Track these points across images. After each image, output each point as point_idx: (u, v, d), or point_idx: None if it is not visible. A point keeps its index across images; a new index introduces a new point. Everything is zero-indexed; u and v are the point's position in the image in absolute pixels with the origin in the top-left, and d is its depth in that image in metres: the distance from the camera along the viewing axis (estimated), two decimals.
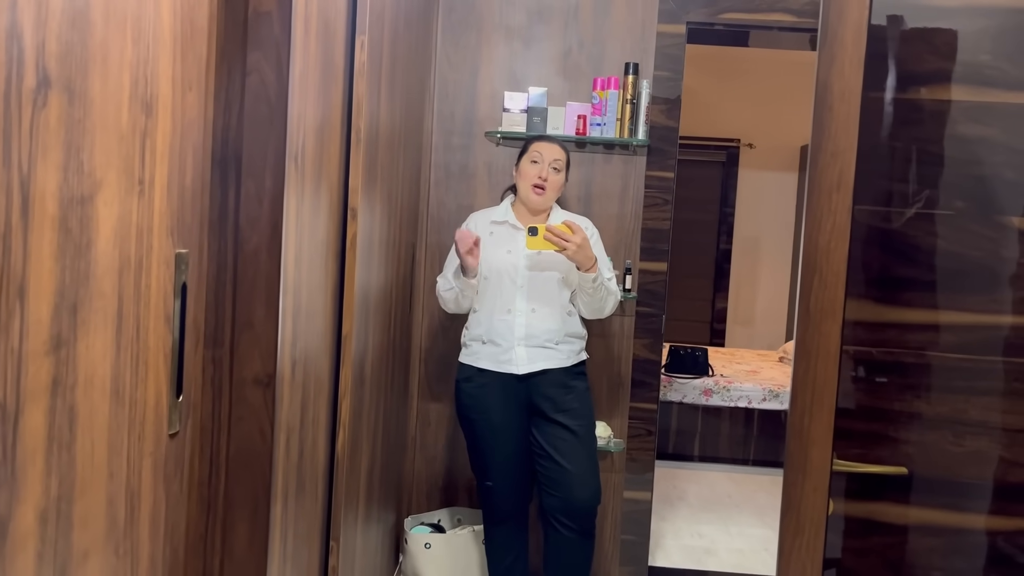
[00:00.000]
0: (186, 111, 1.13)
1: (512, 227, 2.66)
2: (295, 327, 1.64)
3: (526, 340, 2.60)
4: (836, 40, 1.19)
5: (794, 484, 1.24)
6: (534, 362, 2.61)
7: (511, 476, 2.70)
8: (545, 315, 2.61)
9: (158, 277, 1.07)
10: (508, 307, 2.61)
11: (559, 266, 2.58)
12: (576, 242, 2.40)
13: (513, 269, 2.61)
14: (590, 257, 2.46)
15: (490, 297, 2.64)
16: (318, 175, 1.76)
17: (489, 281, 2.64)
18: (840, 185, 1.19)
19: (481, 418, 2.66)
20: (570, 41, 3.12)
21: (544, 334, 2.60)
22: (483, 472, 2.72)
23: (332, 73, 1.84)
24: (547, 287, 2.61)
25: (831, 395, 1.22)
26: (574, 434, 2.62)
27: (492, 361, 2.64)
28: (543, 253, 2.54)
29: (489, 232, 2.68)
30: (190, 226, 1.17)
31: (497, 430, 2.65)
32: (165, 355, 1.11)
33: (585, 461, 2.63)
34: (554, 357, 2.62)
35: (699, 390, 4.83)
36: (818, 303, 1.21)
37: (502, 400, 2.64)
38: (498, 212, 2.72)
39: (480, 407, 2.66)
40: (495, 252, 2.64)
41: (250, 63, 1.23)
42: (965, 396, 1.41)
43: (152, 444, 1.09)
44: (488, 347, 2.64)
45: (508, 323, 2.61)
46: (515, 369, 2.61)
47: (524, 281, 2.60)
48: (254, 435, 1.28)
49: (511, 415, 2.65)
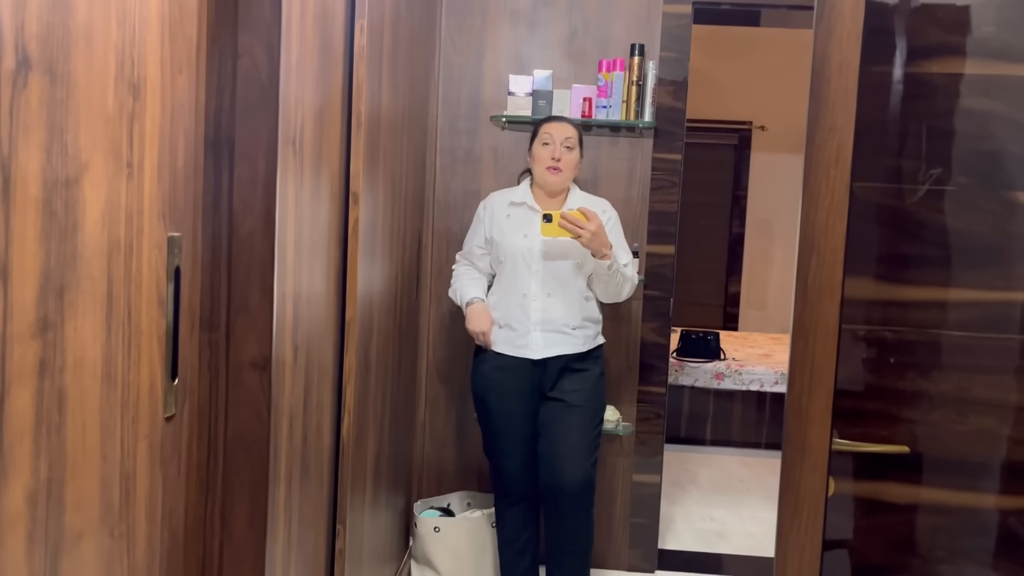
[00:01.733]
0: (176, 94, 1.13)
1: (530, 209, 2.64)
2: (296, 312, 1.64)
3: (542, 325, 2.59)
4: (834, 12, 1.17)
5: (792, 464, 1.23)
6: (550, 347, 2.61)
7: (523, 458, 2.70)
8: (561, 300, 2.60)
9: (150, 260, 1.07)
10: (524, 291, 2.60)
11: (574, 253, 2.56)
12: (591, 229, 2.37)
13: (529, 254, 2.60)
14: (605, 244, 2.43)
15: (506, 281, 2.64)
16: (318, 159, 1.76)
17: (505, 265, 2.64)
18: (838, 161, 1.17)
19: (496, 401, 2.67)
20: (575, 23, 3.09)
21: (560, 319, 2.60)
22: (495, 453, 2.74)
23: (331, 57, 1.83)
24: (563, 272, 2.59)
25: (830, 374, 1.20)
26: (572, 415, 2.61)
27: (508, 345, 2.63)
28: (558, 240, 2.53)
29: (506, 214, 2.67)
30: (183, 210, 1.17)
31: (511, 413, 2.66)
32: (159, 338, 1.11)
33: (578, 442, 2.61)
34: (569, 342, 2.62)
35: (711, 374, 4.81)
36: (816, 281, 1.20)
37: (517, 384, 2.64)
38: (517, 193, 2.70)
39: (495, 390, 2.66)
40: (512, 236, 2.63)
41: (241, 46, 1.22)
42: (969, 374, 1.40)
43: (147, 427, 1.10)
44: (504, 331, 2.64)
45: (524, 307, 2.60)
46: (531, 354, 2.61)
47: (539, 266, 2.59)
48: (251, 418, 1.28)
49: (525, 399, 2.65)
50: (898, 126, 1.37)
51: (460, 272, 2.80)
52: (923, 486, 1.42)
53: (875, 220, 1.37)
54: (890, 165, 1.38)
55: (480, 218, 2.73)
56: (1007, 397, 1.39)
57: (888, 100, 1.37)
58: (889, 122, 1.37)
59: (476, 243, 2.75)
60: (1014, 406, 1.40)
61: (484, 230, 2.71)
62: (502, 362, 2.65)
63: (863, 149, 1.34)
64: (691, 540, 3.60)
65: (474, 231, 2.77)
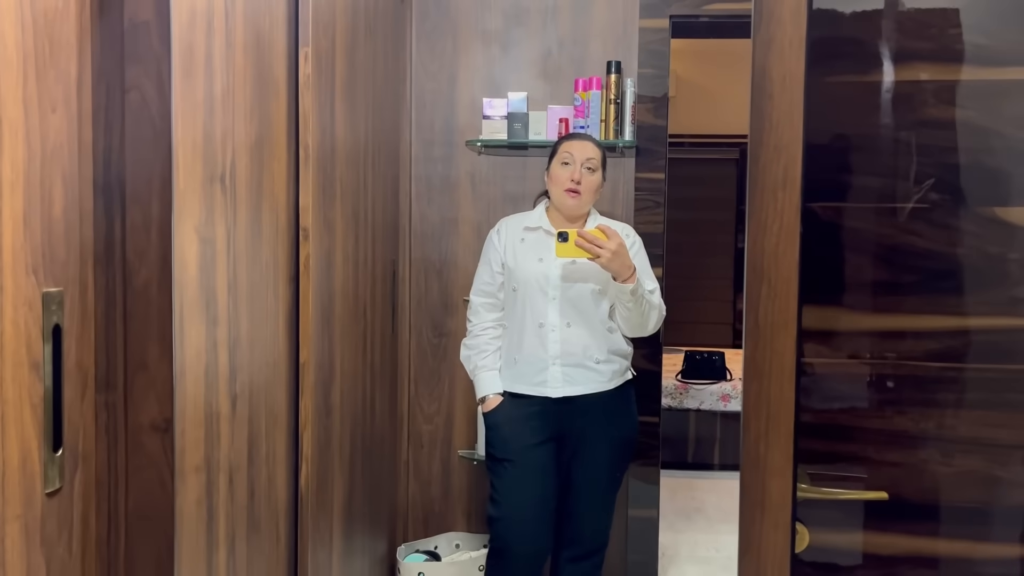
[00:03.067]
0: (50, 135, 1.03)
1: (546, 233, 2.41)
2: (232, 359, 1.53)
3: (562, 359, 2.35)
4: (772, 19, 1.05)
5: (752, 521, 1.10)
6: (572, 384, 2.35)
7: (535, 517, 2.38)
8: (582, 330, 2.35)
9: (15, 321, 0.97)
10: (540, 321, 2.36)
11: (594, 276, 2.32)
12: (611, 248, 2.15)
13: (544, 279, 2.36)
14: (628, 266, 2.21)
15: (520, 311, 2.40)
16: (257, 195, 1.66)
17: (518, 293, 2.40)
18: (786, 182, 1.06)
19: (509, 449, 2.37)
20: (549, 42, 3.00)
21: (582, 351, 2.35)
22: (504, 506, 2.39)
23: (270, 87, 1.74)
24: (582, 299, 2.35)
25: (788, 417, 1.08)
26: (603, 474, 2.42)
27: (524, 383, 2.39)
28: (577, 262, 2.30)
29: (520, 239, 2.45)
30: (64, 261, 1.06)
31: (526, 464, 2.36)
32: (33, 406, 1.00)
33: (606, 503, 2.48)
34: (594, 379, 2.37)
35: (717, 396, 4.67)
36: (767, 315, 1.07)
37: (535, 429, 2.37)
38: (532, 218, 2.48)
39: (508, 436, 2.38)
40: (525, 260, 2.40)
41: (129, 79, 1.13)
42: (953, 410, 1.26)
43: (21, 506, 0.99)
44: (520, 367, 2.40)
45: (541, 339, 2.36)
46: (550, 392, 2.35)
47: (557, 293, 2.35)
48: (154, 486, 1.17)
49: (543, 447, 2.38)
50: (863, 140, 1.25)
51: (478, 343, 2.49)
52: (908, 535, 1.29)
53: (841, 244, 1.25)
54: (857, 182, 1.26)
55: (493, 243, 2.50)
56: (996, 435, 1.25)
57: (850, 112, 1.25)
58: (851, 136, 1.25)
59: (490, 273, 2.49)
60: (1006, 445, 1.26)
61: (499, 255, 2.47)
62: (517, 403, 2.39)
63: (825, 167, 1.22)
64: (695, 572, 3.44)
65: (486, 259, 2.52)
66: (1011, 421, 1.26)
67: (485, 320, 2.49)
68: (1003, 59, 1.24)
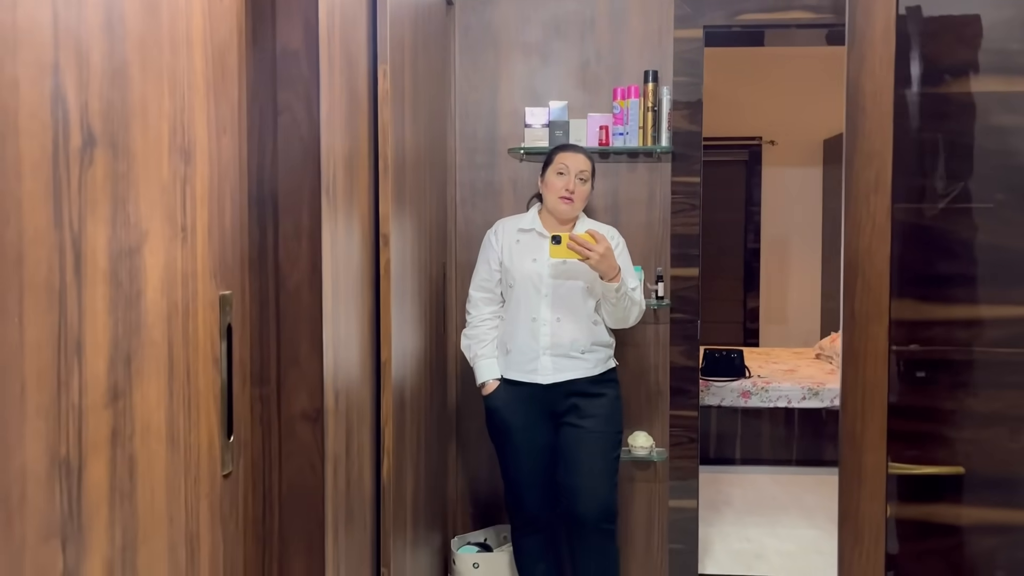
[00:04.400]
0: (222, 154, 1.15)
1: (539, 235, 2.67)
2: (336, 359, 1.65)
3: (551, 349, 2.61)
4: (864, 40, 1.17)
5: (850, 491, 1.22)
6: (560, 371, 2.62)
7: (539, 487, 2.72)
8: (570, 324, 2.61)
9: (204, 320, 1.09)
10: (533, 315, 2.62)
11: (583, 275, 2.58)
12: (599, 251, 2.40)
13: (538, 277, 2.62)
14: (613, 267, 2.45)
15: (515, 305, 2.66)
16: (349, 205, 1.77)
17: (514, 290, 2.65)
18: (878, 187, 1.18)
19: (508, 428, 2.69)
20: (587, 53, 3.12)
21: (570, 343, 2.61)
22: (511, 482, 2.75)
23: (357, 103, 1.86)
24: (572, 296, 2.61)
25: (882, 398, 1.20)
26: (590, 442, 2.62)
27: (518, 371, 2.66)
28: (567, 262, 2.55)
29: (516, 240, 2.70)
30: (231, 267, 1.18)
31: (523, 440, 2.68)
32: (215, 397, 1.12)
33: (599, 472, 2.63)
34: (580, 366, 2.63)
35: (737, 392, 4.79)
36: (863, 306, 1.20)
37: (528, 410, 2.66)
38: (525, 220, 2.72)
39: (507, 418, 2.68)
40: (521, 260, 2.65)
41: (281, 102, 1.24)
42: (1019, 391, 1.39)
43: (208, 486, 1.10)
44: (513, 356, 2.66)
45: (533, 332, 2.62)
46: (540, 379, 2.63)
47: (549, 290, 2.61)
48: (305, 470, 1.28)
49: (538, 425, 2.67)
50: (931, 146, 1.37)
51: (478, 333, 2.78)
52: (978, 506, 1.41)
53: (916, 241, 1.37)
54: (929, 185, 1.39)
55: (491, 243, 2.75)
56: None
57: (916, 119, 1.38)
58: (917, 142, 1.38)
59: (488, 271, 2.75)
60: None
61: (496, 254, 2.72)
62: (512, 388, 2.67)
63: (900, 171, 1.34)
64: (730, 563, 3.56)
65: (485, 258, 2.77)
66: None
67: (484, 312, 2.77)
68: None
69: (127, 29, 0.89)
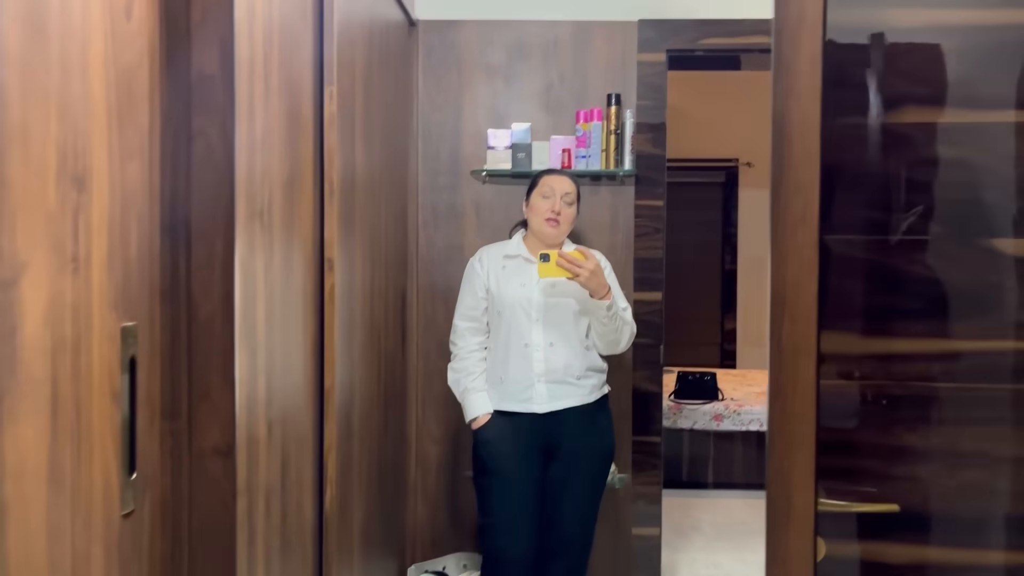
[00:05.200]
0: (127, 182, 1.11)
1: (525, 260, 2.59)
2: (269, 387, 1.61)
3: (546, 376, 2.51)
4: (791, 69, 1.15)
5: (778, 531, 1.18)
6: (556, 399, 2.52)
7: (525, 526, 2.54)
8: (563, 349, 2.52)
9: (101, 354, 1.04)
10: (525, 341, 2.52)
11: (574, 294, 2.50)
12: (589, 268, 2.32)
13: (528, 302, 2.53)
14: (604, 284, 2.38)
15: (504, 332, 2.56)
16: (289, 229, 1.74)
17: (503, 316, 2.56)
18: (805, 219, 1.15)
19: (499, 462, 2.53)
20: (551, 75, 3.11)
21: (563, 368, 2.51)
22: (494, 518, 2.55)
23: (300, 125, 1.82)
24: (563, 320, 2.53)
25: (810, 435, 1.17)
26: (584, 478, 2.56)
27: (511, 400, 2.54)
28: (557, 286, 2.49)
29: (502, 266, 2.61)
30: (137, 297, 1.14)
31: (514, 474, 2.53)
32: (113, 433, 1.07)
33: (588, 508, 2.59)
34: (576, 393, 2.53)
35: (709, 415, 4.76)
36: (790, 339, 1.17)
37: (522, 443, 2.53)
38: (510, 247, 2.65)
39: (499, 450, 2.53)
40: (508, 285, 2.57)
41: (195, 128, 1.21)
42: (956, 427, 1.36)
43: (103, 527, 1.06)
44: (507, 385, 2.55)
45: (526, 358, 2.52)
46: (536, 407, 2.51)
47: (540, 314, 2.52)
48: (216, 507, 1.24)
49: (529, 458, 2.54)
50: (872, 178, 1.35)
51: (466, 366, 2.64)
52: (919, 545, 1.38)
53: (855, 273, 1.35)
54: (869, 216, 1.36)
55: (476, 270, 2.65)
56: (996, 449, 1.35)
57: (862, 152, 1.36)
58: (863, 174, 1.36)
59: (475, 299, 2.64)
60: (1004, 458, 1.36)
61: (482, 281, 2.63)
62: (505, 419, 2.55)
63: (839, 201, 1.32)
64: None
65: (470, 287, 2.66)
66: (1008, 436, 1.36)
67: (471, 343, 2.65)
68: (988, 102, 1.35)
69: (5, 50, 0.86)
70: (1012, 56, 1.34)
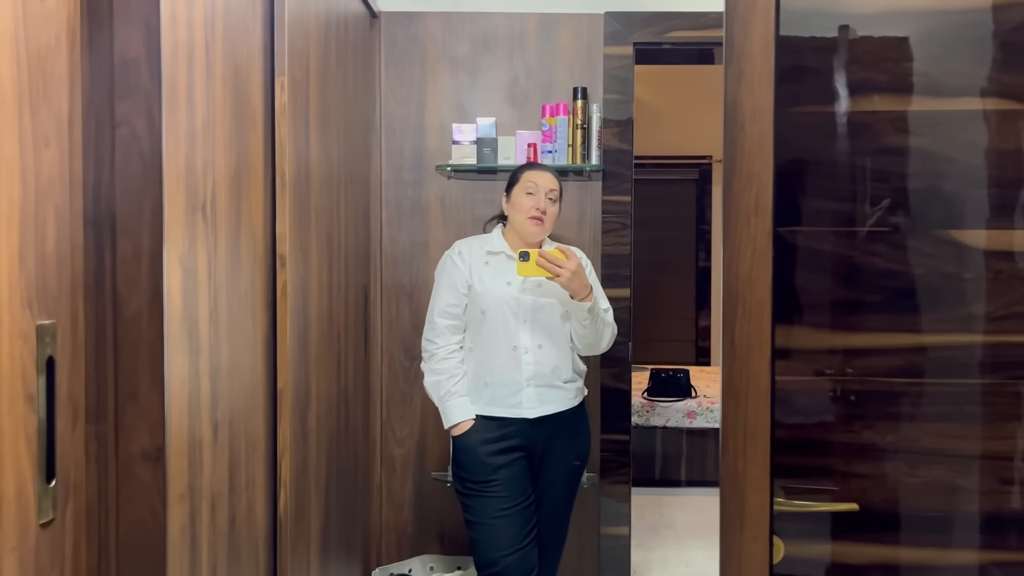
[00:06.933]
0: (43, 171, 1.05)
1: (508, 257, 2.45)
2: (214, 387, 1.54)
3: (535, 379, 2.40)
4: (743, 55, 1.11)
5: (732, 533, 1.14)
6: (545, 404, 2.41)
7: (519, 533, 2.38)
8: (552, 351, 2.42)
9: (11, 354, 0.98)
10: (513, 344, 2.40)
11: (555, 294, 2.39)
12: (570, 268, 2.23)
13: (515, 302, 2.40)
14: (585, 285, 2.29)
15: (489, 333, 2.42)
16: (235, 224, 1.67)
17: (487, 316, 2.41)
18: (758, 209, 1.11)
19: (487, 470, 2.38)
20: (516, 69, 3.06)
21: (552, 371, 2.41)
22: (484, 534, 2.39)
23: (248, 117, 1.76)
24: (551, 321, 2.41)
25: (764, 433, 1.13)
26: (570, 483, 2.54)
27: (499, 405, 2.41)
28: (544, 286, 2.38)
29: (484, 262, 2.47)
30: (56, 294, 1.08)
31: (504, 482, 2.38)
32: (27, 438, 1.01)
33: (568, 506, 2.58)
34: (563, 397, 2.45)
35: (682, 413, 4.73)
36: (743, 336, 1.12)
37: (511, 449, 2.40)
38: (492, 242, 2.50)
39: (486, 457, 2.39)
40: (493, 283, 2.43)
41: (119, 114, 1.15)
42: (915, 423, 1.32)
43: (16, 538, 0.99)
44: (494, 389, 2.41)
45: (515, 361, 2.40)
46: (526, 412, 2.39)
47: (528, 315, 2.40)
48: (144, 515, 1.18)
49: (518, 463, 2.41)
50: (827, 167, 1.31)
51: (447, 367, 2.45)
52: (878, 544, 1.34)
53: (810, 266, 1.31)
54: (824, 208, 1.33)
55: (456, 265, 2.47)
56: (957, 446, 1.31)
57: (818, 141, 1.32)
58: (821, 163, 1.32)
59: (456, 295, 2.46)
60: (966, 455, 1.33)
61: (464, 277, 2.45)
62: (492, 425, 2.40)
63: (792, 192, 1.28)
64: None
65: (449, 282, 2.47)
66: (970, 432, 1.33)
67: (451, 343, 2.46)
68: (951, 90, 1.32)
69: None
70: (973, 42, 1.31)
